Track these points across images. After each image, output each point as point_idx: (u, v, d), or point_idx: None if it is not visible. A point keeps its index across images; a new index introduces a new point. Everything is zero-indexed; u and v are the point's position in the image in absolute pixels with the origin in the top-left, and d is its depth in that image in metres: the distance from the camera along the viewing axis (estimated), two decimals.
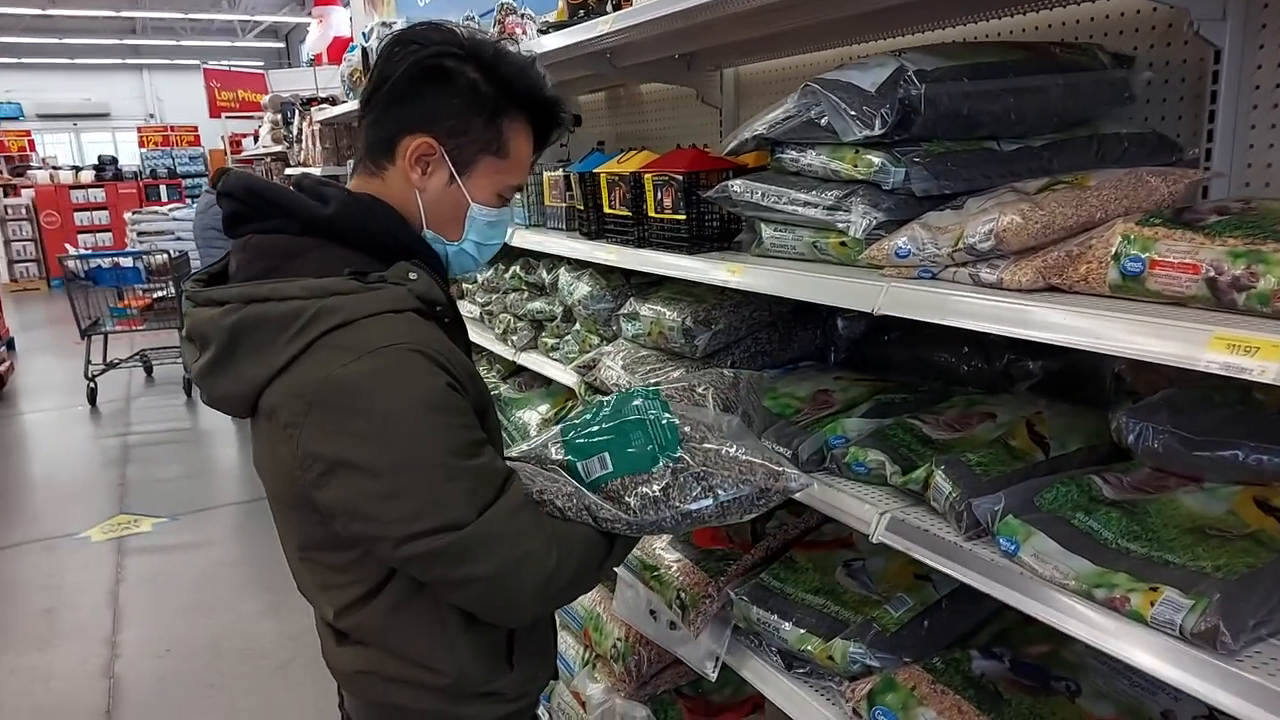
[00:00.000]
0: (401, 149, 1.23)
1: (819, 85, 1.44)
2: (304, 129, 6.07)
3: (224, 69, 13.31)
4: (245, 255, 1.20)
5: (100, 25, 18.54)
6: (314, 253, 1.17)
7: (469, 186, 1.28)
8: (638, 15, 1.86)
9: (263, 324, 1.10)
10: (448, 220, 1.31)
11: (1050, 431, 1.42)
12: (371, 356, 1.06)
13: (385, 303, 1.12)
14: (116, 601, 4.04)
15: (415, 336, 1.10)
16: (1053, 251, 1.13)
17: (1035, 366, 1.64)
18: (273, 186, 1.22)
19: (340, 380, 1.05)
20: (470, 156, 1.27)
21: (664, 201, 1.88)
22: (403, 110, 1.23)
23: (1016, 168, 1.42)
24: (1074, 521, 1.18)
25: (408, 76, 1.22)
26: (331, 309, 1.08)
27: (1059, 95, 1.45)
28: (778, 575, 1.74)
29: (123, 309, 7.40)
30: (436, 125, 1.23)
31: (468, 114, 1.24)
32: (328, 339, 1.07)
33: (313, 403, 1.06)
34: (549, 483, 1.22)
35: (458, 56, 1.23)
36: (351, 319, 1.08)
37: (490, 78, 1.24)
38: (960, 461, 1.33)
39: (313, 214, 1.19)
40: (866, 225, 1.38)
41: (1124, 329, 0.98)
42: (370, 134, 1.27)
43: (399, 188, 1.26)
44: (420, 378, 1.08)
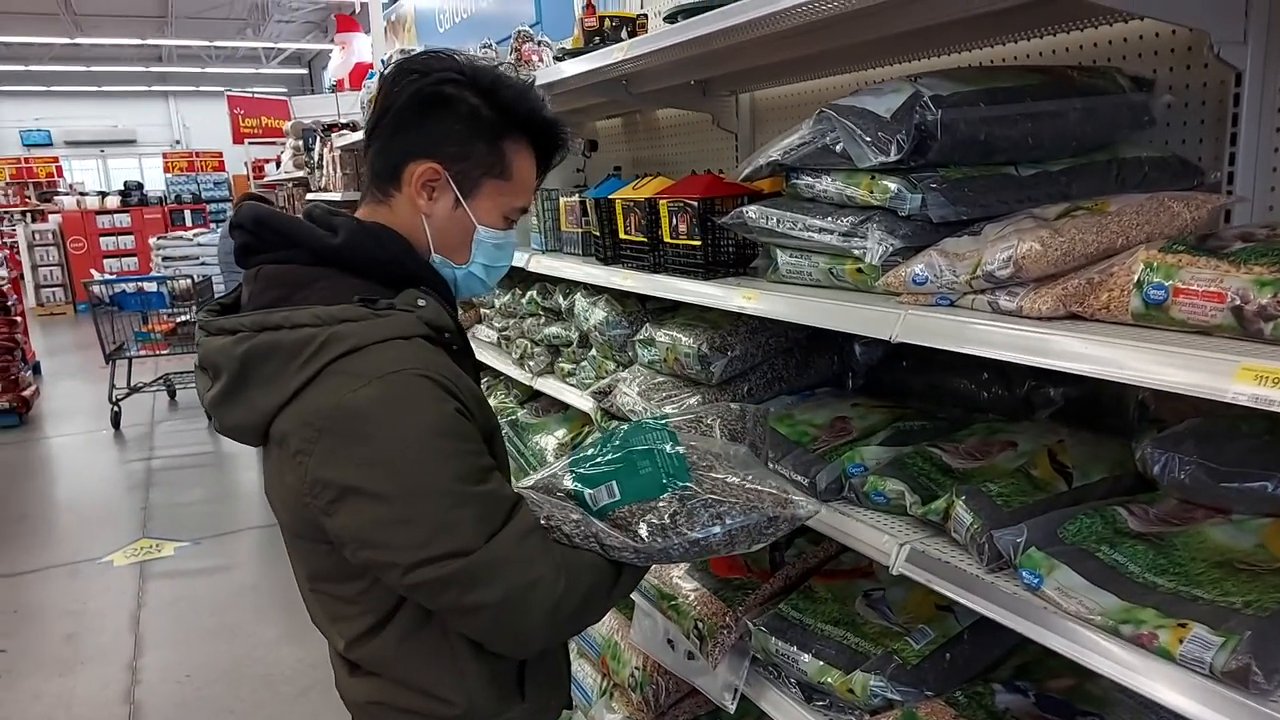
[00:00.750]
0: (407, 175, 1.26)
1: (834, 111, 1.43)
2: (325, 155, 6.13)
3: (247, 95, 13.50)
4: (256, 285, 1.21)
5: (127, 53, 18.90)
6: (323, 281, 1.19)
7: (474, 209, 1.30)
8: (653, 43, 1.87)
9: (274, 352, 1.10)
10: (455, 244, 1.32)
11: (1073, 461, 1.39)
12: (380, 382, 1.07)
13: (394, 329, 1.13)
14: (138, 626, 4.06)
15: (423, 362, 1.11)
16: (1073, 279, 1.12)
17: (1056, 393, 1.62)
18: (281, 217, 1.25)
19: (349, 406, 1.06)
20: (474, 180, 1.29)
21: (679, 227, 1.88)
22: (407, 137, 1.26)
23: (1035, 193, 1.41)
24: (1099, 554, 1.15)
25: (410, 104, 1.24)
26: (341, 336, 1.09)
27: (1077, 119, 1.44)
28: (796, 605, 1.71)
29: (147, 333, 7.48)
30: (440, 151, 1.25)
31: (470, 138, 1.26)
32: (337, 365, 1.08)
33: (322, 429, 1.07)
34: (557, 510, 1.21)
35: (458, 83, 1.25)
36: (360, 345, 1.09)
37: (490, 102, 1.27)
38: (981, 492, 1.31)
39: (322, 243, 1.21)
40: (883, 252, 1.37)
41: (1148, 359, 0.95)
42: (376, 162, 1.29)
43: (406, 214, 1.28)
44: (428, 403, 1.08)
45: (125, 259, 14.41)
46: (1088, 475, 1.37)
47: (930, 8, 1.64)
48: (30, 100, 20.83)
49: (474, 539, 1.07)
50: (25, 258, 13.91)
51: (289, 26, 17.41)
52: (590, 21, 2.27)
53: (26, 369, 7.93)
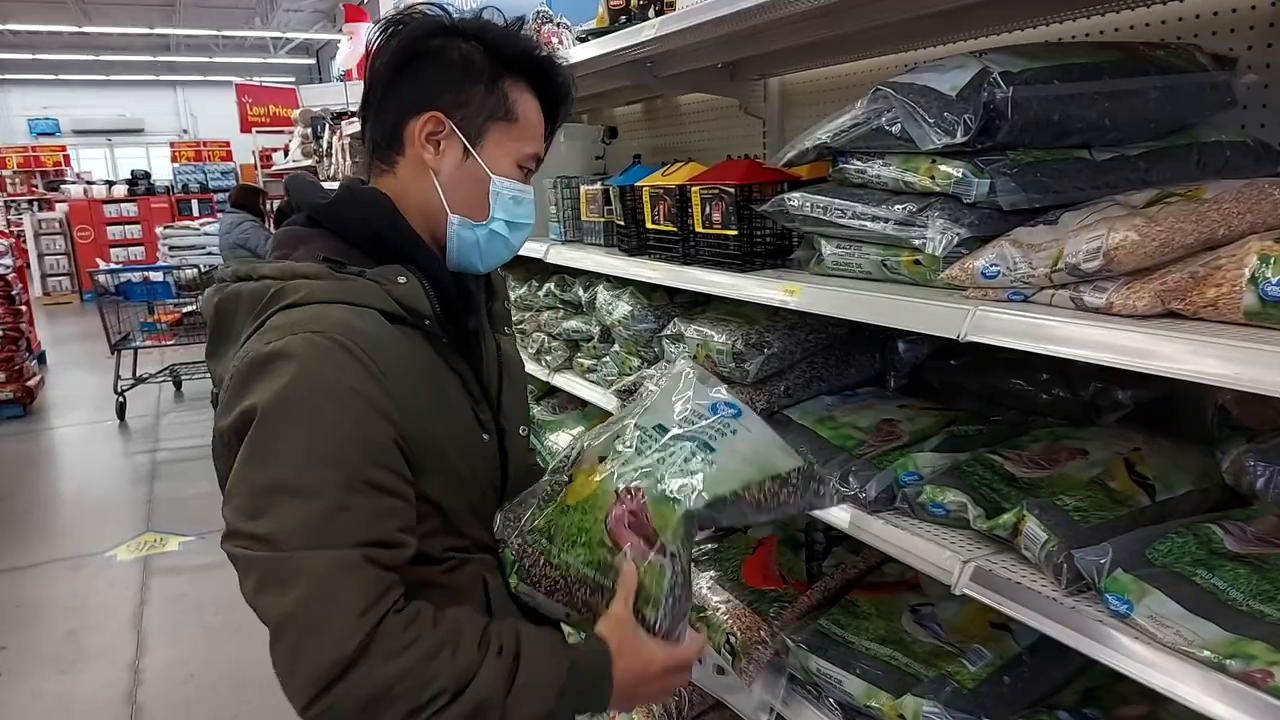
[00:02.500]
0: (408, 134, 1.21)
1: (891, 89, 1.32)
2: (334, 143, 6.02)
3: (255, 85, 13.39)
4: (271, 244, 1.23)
5: (135, 42, 18.81)
6: (315, 241, 1.18)
7: (485, 158, 1.24)
8: (688, 19, 1.75)
9: (238, 302, 1.12)
10: (470, 199, 1.25)
11: (1153, 471, 1.28)
12: (296, 339, 1.02)
13: (347, 294, 1.08)
14: (141, 624, 3.97)
15: (356, 333, 1.04)
16: (1172, 273, 1.00)
17: (1125, 396, 1.50)
18: (303, 182, 1.25)
19: (258, 356, 1.02)
20: (479, 125, 1.23)
21: (713, 216, 1.76)
22: (400, 95, 1.21)
23: (1112, 179, 1.29)
24: (1195, 579, 1.04)
25: (397, 61, 1.20)
26: (291, 289, 1.08)
27: (1156, 100, 1.32)
28: (838, 621, 1.60)
29: (153, 323, 7.39)
30: (438, 101, 1.20)
31: (466, 84, 1.21)
32: (274, 317, 1.06)
33: (235, 375, 1.04)
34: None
35: (444, 32, 1.21)
36: (305, 301, 1.06)
37: (480, 44, 1.22)
38: (1055, 506, 1.19)
39: (313, 203, 1.20)
40: (947, 242, 1.25)
41: None
42: (375, 132, 1.24)
43: (413, 176, 1.23)
44: (331, 362, 1.01)
45: (132, 248, 14.32)
46: (1171, 488, 1.25)
47: None
48: (38, 89, 20.74)
49: (293, 537, 0.95)
50: (31, 246, 13.83)
51: (297, 15, 17.28)
52: (616, 1, 2.16)
53: (32, 359, 7.84)
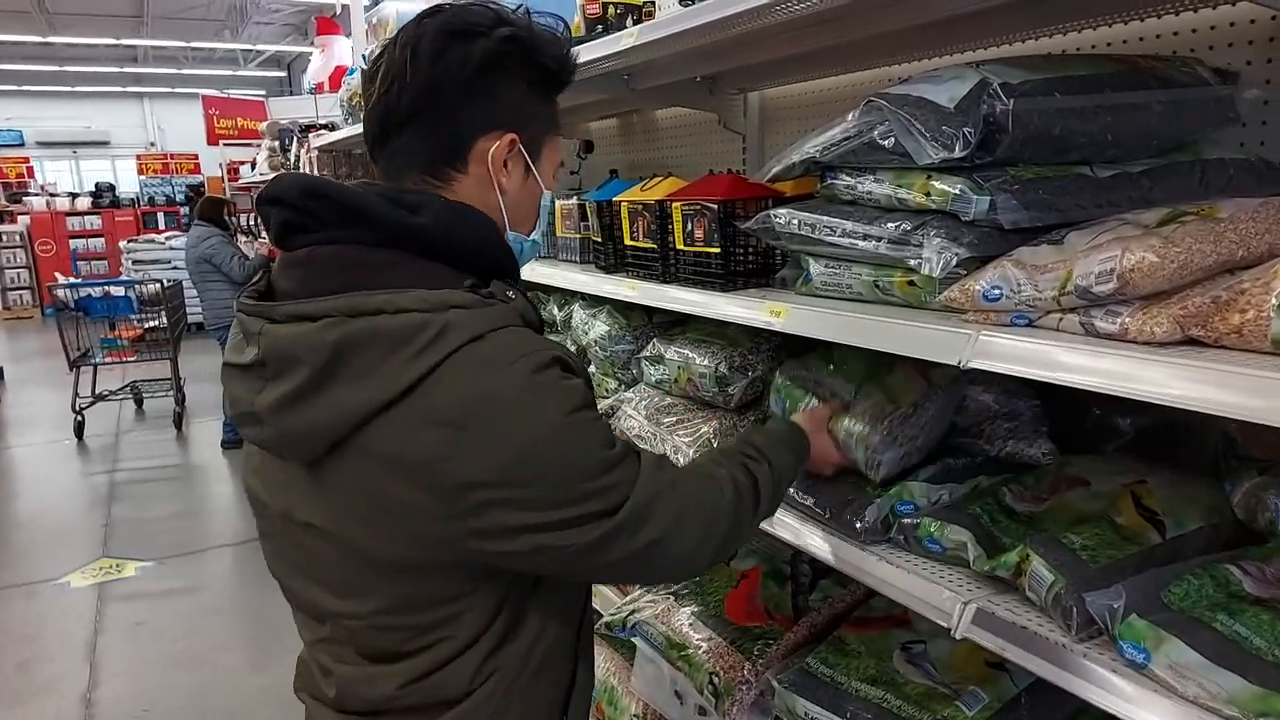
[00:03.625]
0: (478, 153, 1.09)
1: (886, 101, 1.25)
2: (302, 156, 5.90)
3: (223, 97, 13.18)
4: (309, 270, 1.01)
5: (101, 54, 18.51)
6: (401, 267, 1.01)
7: (542, 173, 1.18)
8: (667, 27, 1.68)
9: (376, 340, 0.93)
10: (526, 215, 1.20)
11: (1161, 505, 1.21)
12: (516, 368, 0.95)
13: (506, 318, 1.00)
14: (94, 654, 3.80)
15: (544, 345, 1.00)
16: (1192, 297, 0.93)
17: (1126, 424, 1.43)
18: (344, 189, 1.04)
19: (494, 394, 0.93)
20: (539, 141, 1.16)
21: (694, 233, 1.69)
22: (472, 109, 1.09)
23: (1114, 196, 1.23)
24: (1216, 625, 0.97)
25: (468, 74, 1.06)
26: (459, 323, 0.95)
27: (1159, 114, 1.26)
28: (826, 660, 1.52)
29: (114, 340, 7.19)
30: (512, 120, 1.11)
31: (534, 101, 1.14)
32: (461, 355, 0.94)
33: (465, 426, 0.92)
34: None
35: (512, 39, 1.09)
36: (479, 333, 0.96)
37: (541, 58, 1.13)
38: (1061, 544, 1.12)
39: (401, 222, 1.01)
40: (945, 262, 1.18)
41: None
42: (425, 142, 1.09)
43: (476, 194, 1.11)
44: (565, 383, 0.98)
45: (95, 262, 14.03)
46: (1181, 524, 1.18)
47: None
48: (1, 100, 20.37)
49: (626, 482, 1.01)
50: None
51: (268, 28, 17.10)
52: (593, 8, 2.08)
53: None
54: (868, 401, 1.39)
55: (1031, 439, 1.40)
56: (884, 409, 1.35)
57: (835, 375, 1.51)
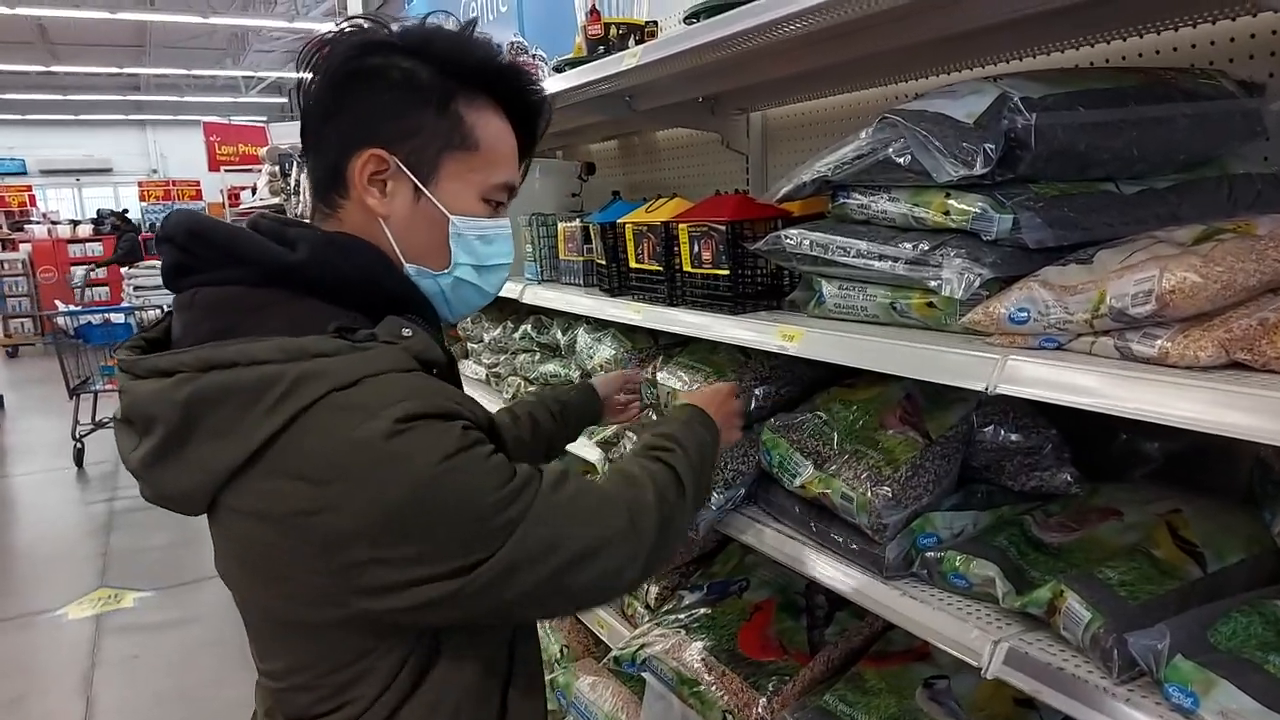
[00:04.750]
0: (350, 174, 1.01)
1: (901, 118, 1.21)
2: (302, 180, 5.89)
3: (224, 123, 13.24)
4: (191, 314, 0.96)
5: (104, 82, 18.63)
6: (279, 307, 0.95)
7: (440, 195, 1.04)
8: (670, 47, 1.64)
9: (228, 396, 0.87)
10: (427, 246, 1.06)
11: (1199, 537, 1.15)
12: (388, 415, 0.85)
13: (384, 363, 0.90)
14: (90, 688, 3.72)
15: (429, 390, 0.91)
16: (1236, 319, 0.88)
17: (1154, 449, 1.38)
18: (221, 227, 0.99)
19: (355, 447, 0.85)
20: (432, 158, 1.03)
21: (702, 255, 1.64)
22: (338, 128, 1.01)
23: (1142, 213, 1.18)
24: (1267, 666, 0.91)
25: (330, 85, 1.00)
26: (316, 373, 0.87)
27: (1184, 128, 1.22)
28: (845, 697, 1.46)
29: (113, 367, 7.14)
30: (381, 133, 1.00)
31: (413, 109, 1.01)
32: (324, 404, 0.86)
33: (330, 479, 0.85)
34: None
35: (381, 48, 1.01)
36: (350, 381, 0.87)
37: (426, 60, 1.02)
38: (1096, 579, 1.06)
39: (277, 260, 0.96)
40: (967, 283, 1.13)
41: None
42: (315, 169, 1.05)
43: (360, 224, 1.02)
44: (437, 427, 0.88)
45: (97, 289, 14.02)
46: (1222, 556, 1.13)
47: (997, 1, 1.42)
48: (4, 129, 20.48)
49: (518, 520, 0.91)
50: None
51: (269, 55, 17.21)
52: (595, 29, 2.05)
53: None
54: (861, 464, 1.32)
55: (1055, 468, 1.34)
56: (882, 472, 1.29)
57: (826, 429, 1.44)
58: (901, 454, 1.31)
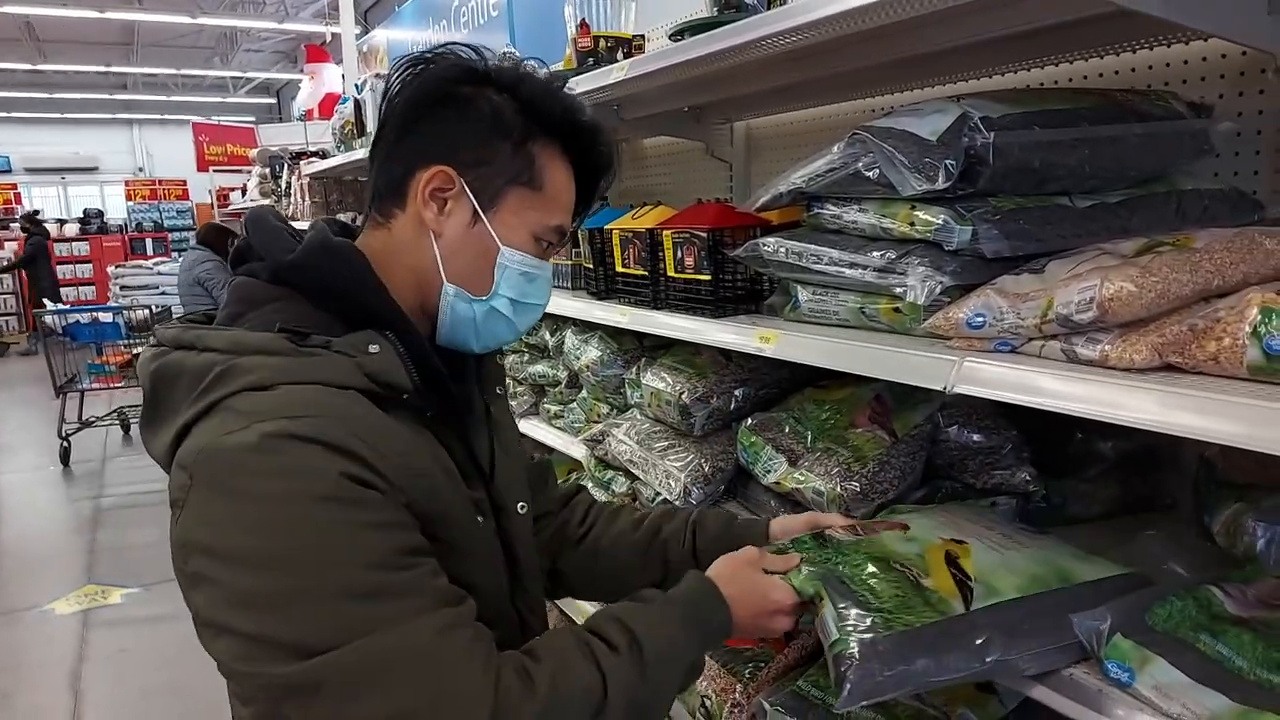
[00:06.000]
0: (413, 188, 1.04)
1: (869, 134, 1.28)
2: (293, 183, 5.93)
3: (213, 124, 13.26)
4: (227, 296, 1.05)
5: (91, 81, 18.56)
6: (278, 304, 1.00)
7: (497, 225, 1.06)
8: (656, 61, 1.71)
9: (179, 376, 0.94)
10: (472, 270, 1.07)
11: (977, 570, 1.11)
12: (261, 428, 0.85)
13: (316, 373, 0.91)
14: (78, 683, 3.75)
15: (328, 416, 0.88)
16: (1170, 325, 0.96)
17: (1108, 448, 1.46)
18: (265, 224, 1.07)
19: (219, 452, 0.86)
20: (497, 188, 1.06)
21: (685, 260, 1.72)
22: (414, 143, 1.05)
23: (1093, 226, 1.26)
24: (1199, 645, 0.99)
25: (417, 104, 1.04)
26: (243, 369, 0.90)
27: (1136, 147, 1.30)
28: (816, 682, 1.52)
29: (101, 365, 7.16)
30: (454, 155, 1.03)
31: (491, 140, 1.04)
32: (229, 401, 0.89)
33: (195, 477, 0.87)
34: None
35: (475, 77, 1.05)
36: (266, 384, 0.89)
37: (515, 98, 1.06)
38: (854, 594, 1.09)
39: (278, 259, 1.02)
40: (929, 290, 1.21)
41: None
42: (379, 179, 1.08)
43: (410, 236, 1.05)
44: (316, 464, 0.85)
45: (82, 288, 14.01)
46: (995, 591, 1.08)
47: (964, 25, 1.50)
48: None
49: (361, 628, 0.83)
50: None
51: (257, 55, 17.21)
52: (584, 42, 2.12)
53: None
54: (832, 460, 1.39)
55: (1015, 467, 1.42)
56: (851, 468, 1.36)
57: (799, 427, 1.51)
58: (869, 451, 1.38)
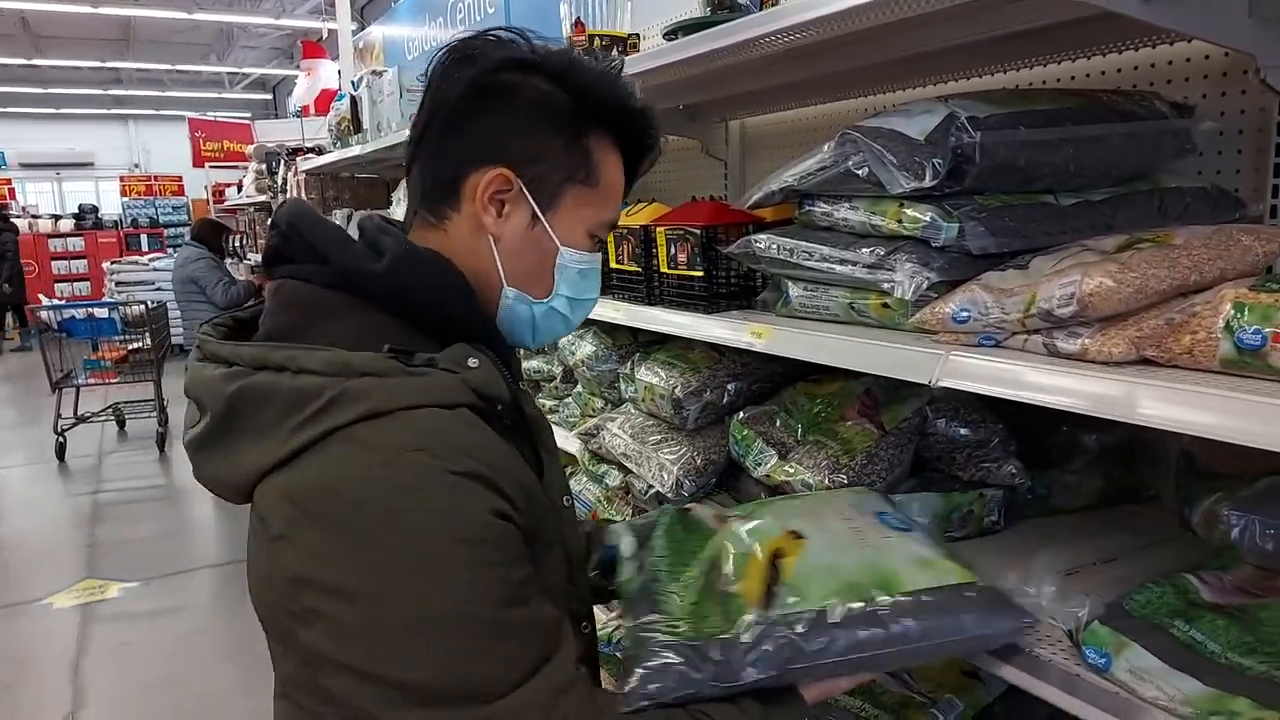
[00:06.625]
0: (469, 189, 0.99)
1: (859, 133, 1.31)
2: (289, 179, 5.95)
3: (209, 120, 13.24)
4: (274, 302, 0.97)
5: (86, 76, 18.53)
6: (352, 315, 0.93)
7: (555, 225, 1.02)
8: (652, 60, 1.74)
9: (270, 400, 0.87)
10: (532, 273, 1.04)
11: (795, 574, 1.06)
12: (399, 464, 0.83)
13: (430, 394, 0.87)
14: (78, 676, 3.78)
15: (462, 444, 0.86)
16: (1147, 319, 0.99)
17: (1092, 440, 1.49)
18: (321, 223, 0.98)
19: (351, 491, 0.82)
20: (554, 187, 1.01)
21: (678, 257, 1.74)
22: (464, 141, 1.00)
23: (1077, 223, 1.29)
24: (1174, 631, 1.02)
25: (465, 99, 0.98)
26: (357, 394, 0.84)
27: (1119, 146, 1.33)
28: None
29: (97, 361, 7.17)
30: (509, 153, 0.99)
31: (544, 135, 1.00)
32: (350, 432, 0.84)
33: (312, 514, 0.83)
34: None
35: (523, 66, 1.00)
36: (383, 409, 0.84)
37: (567, 88, 1.00)
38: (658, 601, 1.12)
39: (358, 265, 0.94)
40: (917, 286, 1.24)
41: None
42: (426, 177, 1.03)
43: (467, 239, 1.01)
44: (458, 501, 0.84)
45: (78, 283, 14.00)
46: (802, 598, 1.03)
47: (951, 27, 1.53)
48: None
49: (496, 682, 0.83)
50: None
51: (253, 52, 17.19)
52: (579, 40, 2.14)
53: None
54: (821, 453, 1.42)
55: (1002, 460, 1.45)
56: (840, 460, 1.39)
57: (790, 420, 1.54)
58: (858, 444, 1.41)
